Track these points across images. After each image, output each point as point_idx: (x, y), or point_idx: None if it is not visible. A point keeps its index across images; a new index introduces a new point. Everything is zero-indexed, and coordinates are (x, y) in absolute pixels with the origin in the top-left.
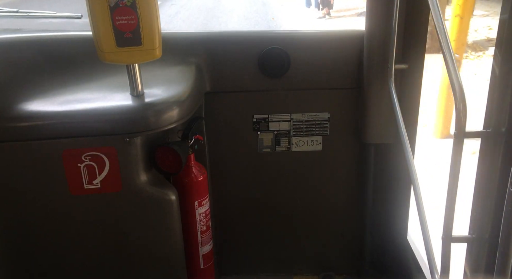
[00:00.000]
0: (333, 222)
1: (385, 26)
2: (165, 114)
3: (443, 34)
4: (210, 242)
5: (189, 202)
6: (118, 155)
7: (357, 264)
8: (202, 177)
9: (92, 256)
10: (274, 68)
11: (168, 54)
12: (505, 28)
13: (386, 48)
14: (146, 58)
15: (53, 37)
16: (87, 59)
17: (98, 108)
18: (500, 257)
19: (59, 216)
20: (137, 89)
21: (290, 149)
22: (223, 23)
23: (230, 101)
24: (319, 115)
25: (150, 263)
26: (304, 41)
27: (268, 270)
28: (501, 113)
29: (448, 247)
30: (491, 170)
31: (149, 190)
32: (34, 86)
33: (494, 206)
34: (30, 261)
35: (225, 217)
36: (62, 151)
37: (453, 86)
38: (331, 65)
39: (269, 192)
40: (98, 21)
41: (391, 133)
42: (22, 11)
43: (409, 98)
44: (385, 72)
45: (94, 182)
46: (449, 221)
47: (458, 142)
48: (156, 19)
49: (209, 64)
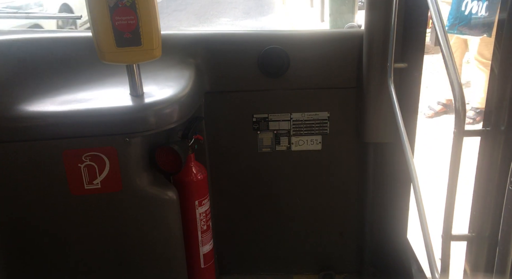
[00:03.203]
0: (333, 221)
1: (384, 25)
2: (165, 114)
3: (442, 33)
4: (210, 242)
5: (189, 202)
6: (118, 155)
7: (357, 263)
8: (202, 176)
9: (92, 255)
10: (274, 67)
11: (168, 54)
12: (504, 27)
13: (385, 47)
14: (145, 58)
15: (53, 37)
16: (87, 60)
17: (98, 108)
18: (500, 255)
19: (60, 216)
20: (137, 90)
21: (290, 148)
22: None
23: (230, 101)
24: (318, 115)
25: (151, 263)
26: (303, 41)
27: (268, 270)
28: (500, 112)
29: (448, 245)
30: (490, 168)
31: (149, 190)
32: (35, 86)
33: (493, 204)
34: (30, 261)
35: (225, 217)
36: (63, 151)
37: (452, 86)
38: (330, 64)
39: (269, 191)
40: (98, 22)
41: (390, 132)
42: (22, 11)
43: (408, 97)
44: (385, 71)
45: (95, 182)
46: (449, 220)
47: (458, 141)
48: (155, 19)
49: (208, 64)
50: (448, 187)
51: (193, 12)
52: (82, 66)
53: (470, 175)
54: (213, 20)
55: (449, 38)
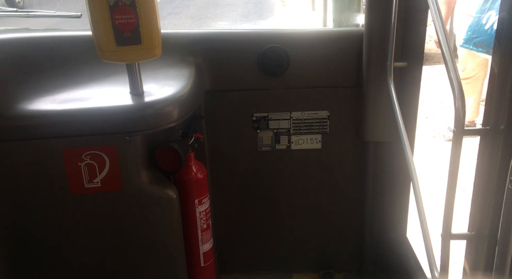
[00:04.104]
0: (332, 220)
1: (384, 24)
2: (165, 113)
3: (442, 32)
4: (210, 240)
5: (189, 201)
6: (118, 154)
7: (357, 262)
8: (202, 175)
9: (92, 254)
10: (274, 66)
11: (168, 53)
12: (504, 26)
13: (385, 46)
14: (145, 57)
15: (53, 36)
16: (87, 59)
17: (98, 107)
18: (499, 253)
19: (60, 214)
20: (137, 88)
21: (289, 147)
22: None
23: (229, 100)
24: (318, 114)
25: (151, 261)
26: (303, 40)
27: (268, 268)
28: (499, 111)
29: (448, 244)
30: (490, 167)
31: (149, 189)
32: (34, 85)
33: (493, 203)
34: (30, 260)
35: (225, 215)
36: (63, 150)
37: (451, 85)
38: (330, 63)
39: (269, 190)
40: (98, 20)
41: (390, 131)
42: (22, 10)
43: (408, 96)
44: (384, 70)
45: (95, 181)
46: (448, 218)
47: (457, 140)
48: (155, 18)
49: (208, 63)
50: (447, 185)
51: (189, 15)
52: (82, 65)
53: (469, 175)
54: (210, 24)
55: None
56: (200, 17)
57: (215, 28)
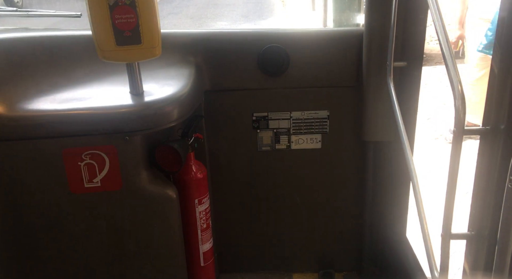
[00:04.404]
0: (332, 220)
1: (384, 24)
2: (165, 112)
3: (442, 32)
4: (210, 240)
5: (189, 200)
6: (118, 154)
7: (357, 262)
8: (202, 175)
9: (92, 254)
10: (274, 66)
11: (168, 53)
12: (504, 26)
13: (385, 46)
14: (145, 56)
15: (53, 36)
16: (87, 58)
17: (98, 107)
18: (499, 253)
19: (60, 214)
20: (137, 88)
21: (289, 147)
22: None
23: (229, 100)
24: (318, 114)
25: (151, 261)
26: (303, 40)
27: (268, 268)
28: (499, 111)
29: (447, 244)
30: (490, 167)
31: (149, 188)
32: (34, 85)
33: (493, 203)
34: (30, 259)
35: (225, 215)
36: (63, 149)
37: (452, 84)
38: (330, 63)
39: (269, 190)
40: (98, 20)
41: (390, 131)
42: (21, 10)
43: (408, 96)
44: (384, 70)
45: (95, 181)
46: (448, 218)
47: (457, 139)
48: (155, 17)
49: (208, 63)
50: (447, 185)
51: (189, 15)
52: (82, 65)
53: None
54: (210, 24)
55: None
56: (200, 17)
57: (215, 28)
